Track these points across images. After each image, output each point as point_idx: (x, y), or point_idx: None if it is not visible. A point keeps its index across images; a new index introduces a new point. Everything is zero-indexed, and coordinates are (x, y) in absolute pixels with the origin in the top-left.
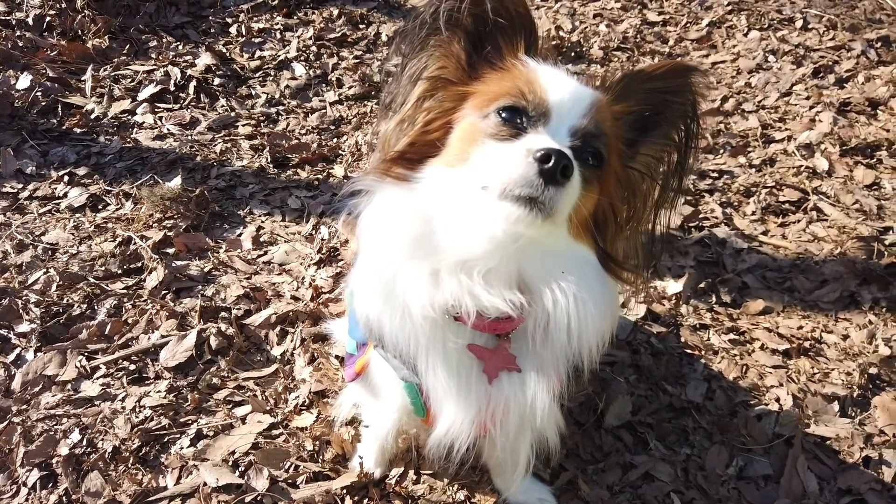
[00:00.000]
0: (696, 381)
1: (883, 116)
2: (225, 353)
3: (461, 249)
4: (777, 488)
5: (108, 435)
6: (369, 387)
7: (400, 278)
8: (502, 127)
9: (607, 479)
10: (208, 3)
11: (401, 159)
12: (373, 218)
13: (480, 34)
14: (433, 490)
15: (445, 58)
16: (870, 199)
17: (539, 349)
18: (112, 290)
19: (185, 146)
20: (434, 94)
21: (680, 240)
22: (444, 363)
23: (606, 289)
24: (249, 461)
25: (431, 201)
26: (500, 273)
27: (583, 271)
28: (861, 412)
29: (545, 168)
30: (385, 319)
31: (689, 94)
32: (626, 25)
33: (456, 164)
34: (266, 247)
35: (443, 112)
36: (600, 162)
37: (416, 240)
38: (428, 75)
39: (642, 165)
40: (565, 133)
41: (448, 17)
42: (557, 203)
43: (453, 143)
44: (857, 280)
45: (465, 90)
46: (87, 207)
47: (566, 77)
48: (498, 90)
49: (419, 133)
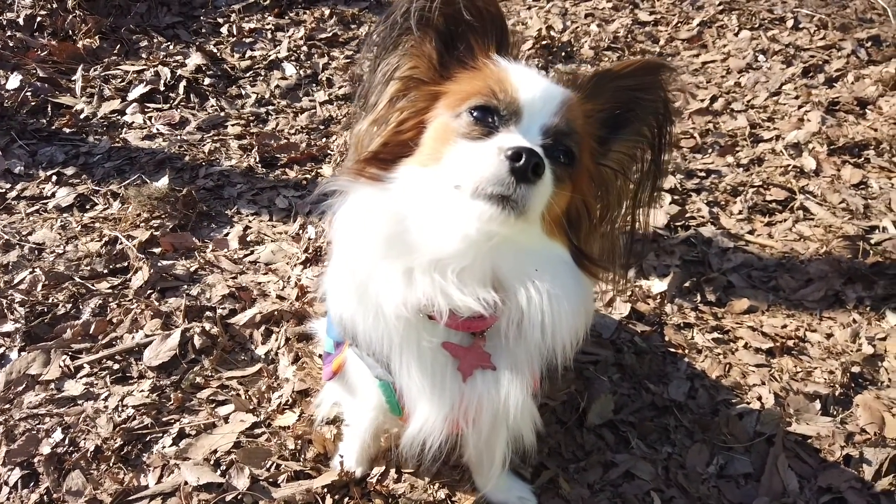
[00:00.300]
0: (678, 380)
1: (871, 116)
2: (209, 352)
3: (435, 248)
4: (757, 486)
5: (91, 434)
6: (347, 385)
7: (373, 278)
8: (474, 126)
9: (588, 478)
10: (200, 4)
11: (374, 159)
12: (346, 218)
13: (452, 34)
14: (414, 489)
15: (417, 57)
16: (856, 199)
17: (513, 346)
18: (97, 290)
19: (173, 146)
20: (406, 93)
21: (666, 239)
22: (418, 362)
23: (580, 286)
24: (231, 460)
25: (405, 201)
26: (475, 271)
27: (556, 269)
28: (843, 411)
29: (517, 166)
30: (358, 319)
31: (659, 90)
32: (617, 25)
33: (429, 164)
34: (253, 246)
35: (415, 112)
36: (572, 160)
37: (390, 239)
38: (400, 75)
39: (615, 163)
40: (537, 131)
41: (419, 17)
42: (529, 201)
43: (426, 143)
44: (842, 279)
45: (438, 90)
46: (74, 207)
47: (537, 76)
48: (469, 89)
49: (392, 133)
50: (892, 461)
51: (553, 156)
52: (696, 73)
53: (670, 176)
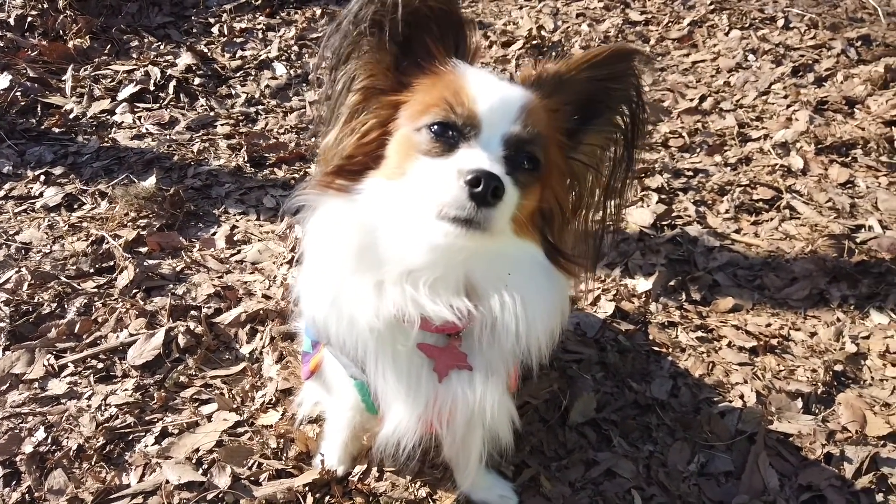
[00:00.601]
0: (661, 379)
1: (860, 115)
2: (193, 351)
3: (405, 260)
4: (738, 484)
5: (73, 433)
6: (325, 385)
7: (345, 291)
8: (434, 143)
9: (570, 476)
10: (191, 3)
11: (341, 172)
12: (317, 230)
13: (407, 39)
14: (395, 487)
15: (374, 66)
16: (843, 198)
17: (486, 348)
18: (83, 289)
19: (162, 146)
20: (367, 104)
21: (652, 238)
22: (393, 364)
23: (554, 286)
24: (213, 459)
25: (373, 213)
26: (448, 281)
27: (530, 270)
28: (825, 409)
29: (475, 192)
30: (331, 323)
31: (631, 78)
32: (607, 25)
33: (395, 178)
34: (239, 245)
35: (377, 123)
36: (537, 165)
37: (360, 252)
38: (358, 86)
39: (586, 156)
40: (498, 142)
41: (371, 23)
42: (493, 220)
43: (391, 156)
44: (826, 278)
45: (398, 98)
46: (62, 207)
47: (495, 82)
48: (428, 101)
49: (356, 145)
50: (873, 459)
51: (516, 163)
52: (685, 73)
53: (657, 175)
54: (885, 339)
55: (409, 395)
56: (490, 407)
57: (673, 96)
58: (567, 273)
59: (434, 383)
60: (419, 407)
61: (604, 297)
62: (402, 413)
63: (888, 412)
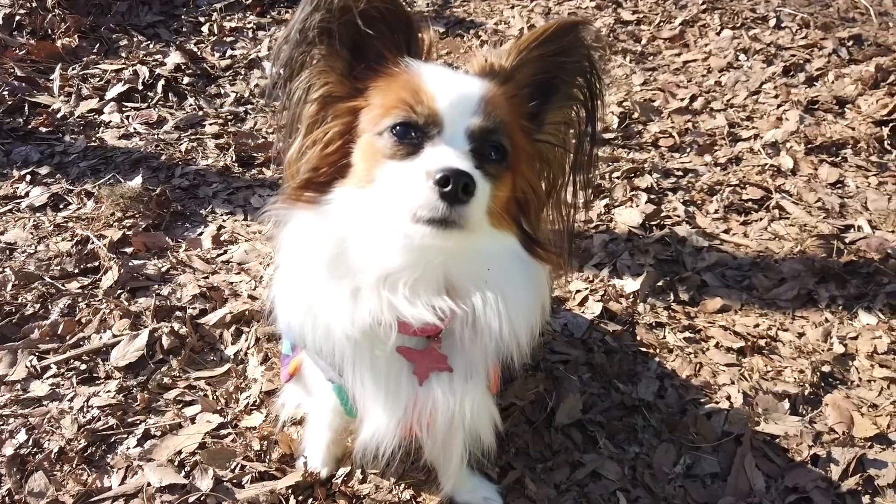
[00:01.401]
0: (648, 380)
1: (850, 115)
2: (177, 352)
3: (381, 266)
4: (724, 486)
5: (55, 435)
6: (305, 387)
7: (319, 301)
8: (399, 145)
9: (555, 478)
10: (181, 2)
11: (309, 185)
12: (289, 244)
13: (358, 43)
14: (379, 489)
15: (328, 73)
16: (832, 198)
17: (468, 347)
18: (67, 290)
19: (150, 145)
20: (326, 113)
21: (640, 238)
22: (371, 369)
23: (534, 279)
24: (195, 461)
25: (344, 223)
26: (428, 281)
27: (509, 263)
28: (812, 410)
29: (445, 192)
30: (307, 331)
31: (581, 48)
32: (599, 24)
33: (364, 185)
34: (226, 246)
35: (339, 132)
36: (504, 154)
37: (333, 262)
38: (314, 96)
39: (552, 135)
40: (462, 137)
41: (320, 30)
42: (468, 216)
43: (357, 164)
44: (815, 278)
45: (355, 104)
46: (47, 207)
47: (450, 76)
48: (387, 103)
49: (320, 157)
50: (860, 461)
51: (484, 155)
52: (676, 73)
53: (647, 175)
54: (873, 339)
55: (388, 400)
56: (470, 408)
57: (664, 96)
58: (545, 262)
59: (414, 387)
60: (398, 412)
61: (591, 297)
62: (381, 418)
63: (875, 413)
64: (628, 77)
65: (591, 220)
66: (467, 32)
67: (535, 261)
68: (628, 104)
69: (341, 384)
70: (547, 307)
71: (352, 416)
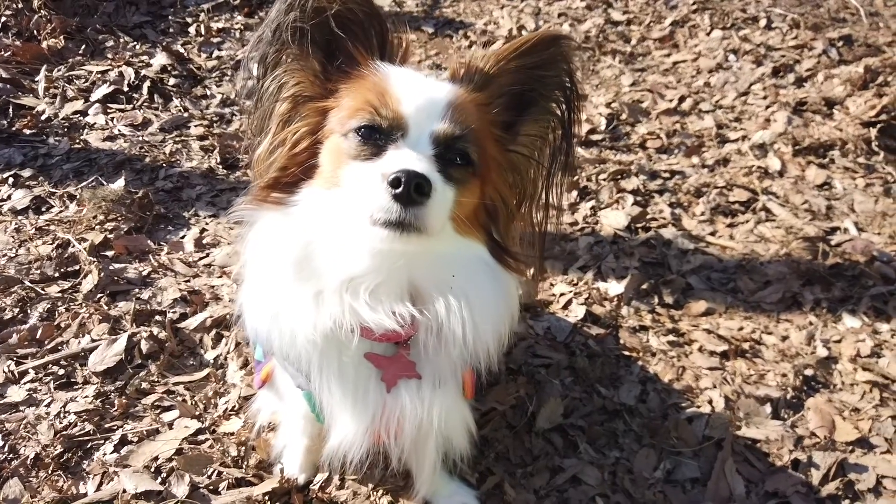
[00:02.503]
0: (630, 384)
1: (838, 116)
2: (156, 357)
3: (345, 269)
4: (704, 491)
5: (31, 441)
6: (278, 394)
7: (284, 305)
8: (363, 147)
9: (535, 483)
10: (169, 3)
11: (276, 185)
12: (255, 245)
13: (330, 44)
14: (357, 495)
15: (300, 73)
16: (819, 199)
17: (434, 355)
18: (46, 294)
19: (134, 147)
20: (296, 113)
21: (625, 240)
22: (339, 377)
23: (501, 286)
24: (172, 467)
25: (310, 224)
26: (391, 286)
27: (475, 271)
28: (794, 414)
29: (398, 193)
30: (274, 337)
31: (562, 63)
32: (589, 25)
33: (330, 187)
34: (208, 249)
35: (307, 131)
36: (469, 161)
37: (298, 264)
38: (286, 95)
39: (525, 147)
40: (427, 141)
41: (293, 31)
42: (426, 219)
43: (324, 165)
44: (800, 281)
45: (325, 105)
46: (30, 210)
47: (420, 80)
48: (354, 104)
49: (288, 156)
50: (840, 465)
51: (449, 160)
52: (666, 74)
53: (633, 177)
54: (857, 342)
55: (356, 407)
56: (438, 415)
57: (652, 97)
58: (515, 272)
59: (382, 394)
60: (366, 419)
61: (575, 300)
62: (349, 425)
63: (857, 417)
64: (617, 78)
65: (576, 222)
66: (456, 33)
67: (505, 270)
68: (616, 105)
69: (310, 391)
70: (516, 315)
71: (321, 422)
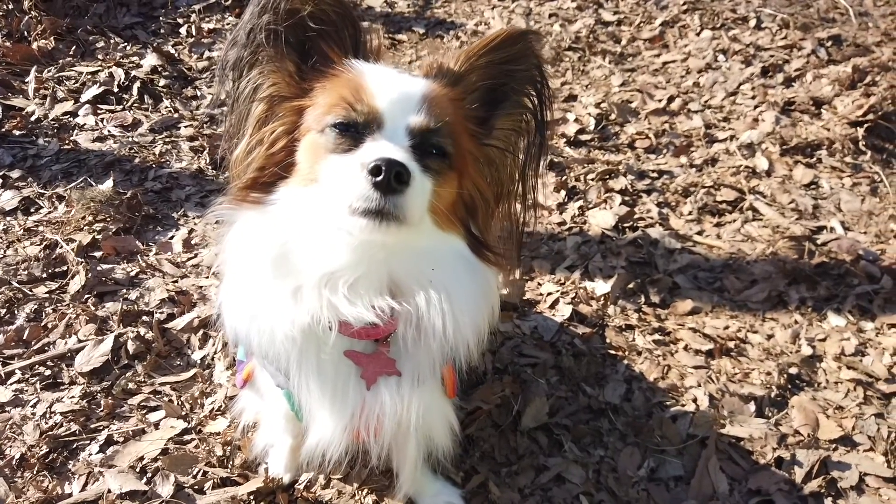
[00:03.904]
0: (615, 383)
1: (826, 115)
2: (143, 357)
3: (324, 264)
4: (687, 489)
5: (17, 441)
6: (259, 393)
7: (262, 303)
8: (340, 140)
9: (519, 482)
10: (160, 4)
11: (255, 185)
12: (233, 244)
13: (304, 44)
14: (342, 494)
15: (276, 74)
16: (806, 199)
17: (413, 350)
18: (34, 295)
19: (124, 148)
20: (273, 113)
21: (613, 240)
22: (318, 375)
23: (480, 280)
24: (157, 467)
25: (288, 222)
26: (370, 280)
27: (454, 265)
28: (778, 412)
29: (378, 181)
30: (253, 336)
31: (530, 58)
32: (579, 25)
33: (308, 184)
34: (197, 249)
35: (284, 131)
36: (444, 152)
37: (276, 262)
38: (262, 95)
39: (501, 140)
40: (402, 134)
41: (267, 32)
42: (405, 208)
43: (302, 162)
44: (786, 280)
45: (301, 104)
46: (18, 211)
47: (394, 75)
48: (330, 101)
49: (266, 156)
50: (823, 463)
51: (425, 152)
52: (655, 74)
53: (621, 177)
54: (841, 341)
55: (335, 405)
56: (417, 413)
57: (642, 97)
58: (493, 266)
59: (361, 391)
60: (344, 417)
61: (562, 300)
62: (327, 424)
63: (841, 415)
64: (607, 78)
65: (564, 222)
66: (447, 33)
67: (483, 264)
68: (606, 105)
69: (290, 390)
70: (496, 310)
71: (301, 421)
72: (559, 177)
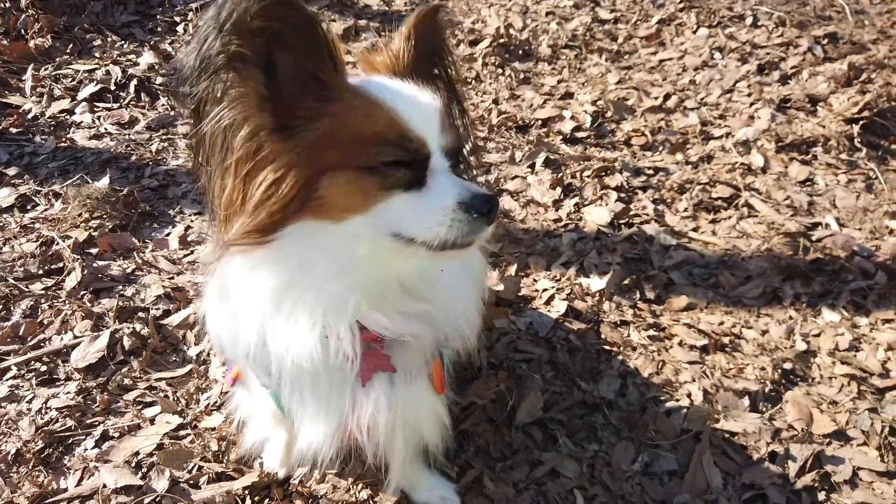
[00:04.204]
0: (610, 378)
1: (822, 112)
2: (138, 353)
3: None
4: (681, 484)
5: (12, 437)
6: (249, 391)
7: (273, 334)
8: (397, 174)
9: (514, 477)
10: (157, 2)
11: (265, 229)
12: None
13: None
14: (336, 489)
15: (248, 105)
16: (801, 196)
17: (405, 346)
18: (30, 291)
19: (121, 145)
20: (261, 152)
21: (608, 236)
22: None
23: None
24: (152, 462)
25: (303, 254)
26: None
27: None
28: (772, 407)
29: (489, 216)
30: (240, 350)
31: (440, 31)
32: (576, 23)
33: (342, 218)
34: (193, 246)
35: (287, 164)
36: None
37: (289, 293)
38: (244, 133)
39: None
40: (440, 157)
41: (230, 57)
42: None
43: (336, 198)
44: (781, 276)
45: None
46: (15, 208)
47: (411, 94)
48: (363, 134)
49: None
50: (817, 457)
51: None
52: (652, 71)
53: (617, 174)
54: (836, 336)
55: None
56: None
57: (638, 94)
58: None
59: (352, 392)
60: (335, 419)
61: (557, 296)
62: (319, 427)
63: (834, 410)
64: (603, 76)
65: (560, 218)
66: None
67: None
68: (602, 103)
69: (275, 389)
70: (485, 290)
71: (289, 419)
72: (555, 174)
